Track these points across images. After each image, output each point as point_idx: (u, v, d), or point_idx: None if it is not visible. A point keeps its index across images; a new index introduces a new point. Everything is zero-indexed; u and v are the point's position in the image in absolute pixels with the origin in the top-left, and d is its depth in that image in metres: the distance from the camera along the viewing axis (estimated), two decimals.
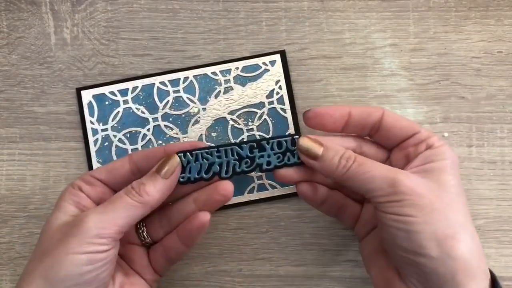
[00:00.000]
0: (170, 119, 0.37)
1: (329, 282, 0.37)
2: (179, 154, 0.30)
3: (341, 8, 0.37)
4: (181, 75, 0.37)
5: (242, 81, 0.37)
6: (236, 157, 0.30)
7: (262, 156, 0.30)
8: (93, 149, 0.37)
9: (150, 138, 0.37)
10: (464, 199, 0.29)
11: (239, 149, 0.30)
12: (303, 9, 0.37)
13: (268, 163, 0.30)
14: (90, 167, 0.37)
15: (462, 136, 0.37)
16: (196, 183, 0.31)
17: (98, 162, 0.37)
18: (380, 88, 0.37)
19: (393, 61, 0.37)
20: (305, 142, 0.30)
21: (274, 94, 0.37)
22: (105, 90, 0.38)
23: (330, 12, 0.37)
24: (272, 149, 0.30)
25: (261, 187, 0.37)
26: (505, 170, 0.37)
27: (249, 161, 0.30)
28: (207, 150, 0.30)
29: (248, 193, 0.37)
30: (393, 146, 0.32)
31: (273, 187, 0.37)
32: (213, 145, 0.32)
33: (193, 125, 0.37)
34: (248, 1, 0.38)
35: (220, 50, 0.38)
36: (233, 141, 0.37)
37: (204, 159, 0.30)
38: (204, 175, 0.30)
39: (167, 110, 0.37)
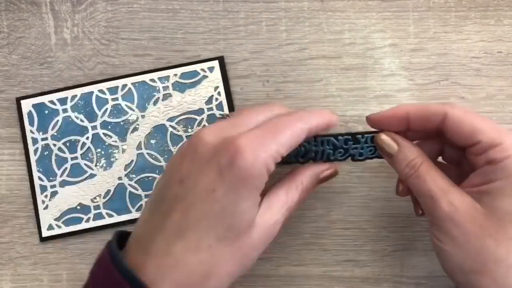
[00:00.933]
0: (109, 127, 0.37)
1: (329, 282, 0.37)
2: None
3: (341, 8, 0.37)
4: (119, 82, 0.37)
5: (180, 87, 0.37)
6: (331, 146, 0.32)
7: (355, 148, 0.32)
8: (33, 158, 0.37)
9: (89, 147, 0.37)
10: None
11: (334, 140, 0.32)
12: (303, 9, 0.38)
13: (360, 154, 0.32)
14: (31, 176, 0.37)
15: None
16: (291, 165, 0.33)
17: (38, 171, 0.37)
18: (380, 88, 0.37)
19: (393, 61, 0.37)
20: (382, 138, 0.31)
21: (213, 101, 0.37)
22: (44, 99, 0.37)
23: (330, 12, 0.37)
24: (365, 142, 0.32)
25: None
26: None
27: (342, 151, 0.32)
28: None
29: None
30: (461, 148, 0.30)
31: None
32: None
33: (132, 132, 0.37)
34: (248, 1, 0.38)
35: (220, 50, 0.38)
36: (172, 148, 0.37)
37: (302, 147, 0.32)
38: (300, 159, 0.32)
39: (105, 118, 0.37)
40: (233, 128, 0.28)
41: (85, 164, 0.37)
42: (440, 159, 0.33)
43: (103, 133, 0.37)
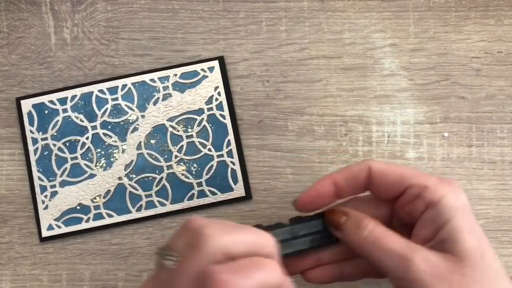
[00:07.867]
0: (109, 127, 0.37)
1: None
2: None
3: (341, 8, 0.37)
4: (119, 82, 0.37)
5: (180, 87, 0.37)
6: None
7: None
8: (33, 158, 0.37)
9: (89, 147, 0.37)
10: (486, 247, 0.25)
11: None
12: (303, 9, 0.38)
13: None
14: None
15: (462, 136, 0.37)
16: None
17: (38, 171, 0.37)
18: (380, 88, 0.37)
19: (393, 61, 0.37)
20: (330, 213, 0.29)
21: (213, 101, 0.37)
22: (44, 99, 0.37)
23: (330, 12, 0.37)
24: (310, 225, 0.30)
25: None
26: (505, 170, 0.37)
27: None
28: None
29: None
30: (391, 201, 0.29)
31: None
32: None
33: (132, 132, 0.37)
34: (248, 1, 0.38)
35: (220, 50, 0.38)
36: (172, 148, 0.37)
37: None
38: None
39: (105, 118, 0.37)
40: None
41: (85, 164, 0.37)
42: None
43: (103, 133, 0.37)
